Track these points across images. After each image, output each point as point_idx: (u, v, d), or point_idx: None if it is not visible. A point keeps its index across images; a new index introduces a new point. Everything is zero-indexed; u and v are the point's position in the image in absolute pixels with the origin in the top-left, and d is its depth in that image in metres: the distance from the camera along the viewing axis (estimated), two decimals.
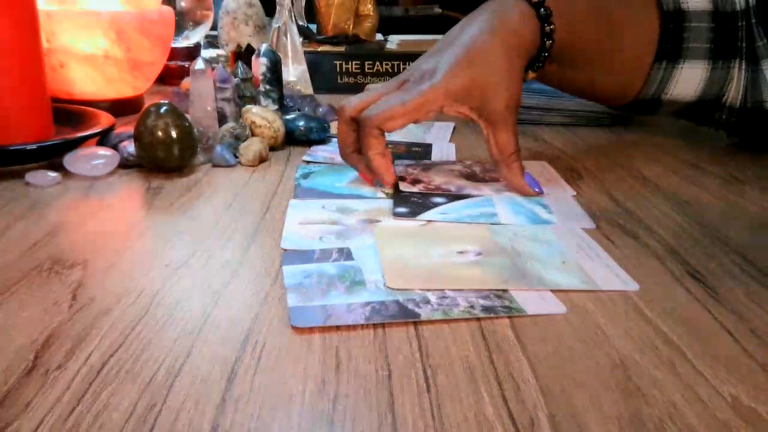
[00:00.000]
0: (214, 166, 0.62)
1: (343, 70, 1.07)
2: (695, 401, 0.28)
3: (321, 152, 0.68)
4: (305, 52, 0.95)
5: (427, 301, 0.36)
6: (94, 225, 0.47)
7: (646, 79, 0.66)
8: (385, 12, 1.90)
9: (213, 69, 0.70)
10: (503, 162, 0.55)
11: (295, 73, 0.91)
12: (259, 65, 0.75)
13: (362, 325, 0.34)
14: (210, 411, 0.27)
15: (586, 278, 0.40)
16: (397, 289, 0.38)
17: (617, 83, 0.68)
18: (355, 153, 0.56)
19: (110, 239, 0.45)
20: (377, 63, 1.07)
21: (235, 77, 0.74)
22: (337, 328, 0.33)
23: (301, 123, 0.71)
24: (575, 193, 0.56)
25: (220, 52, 1.22)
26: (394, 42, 1.40)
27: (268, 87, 0.75)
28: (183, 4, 1.10)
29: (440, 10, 1.95)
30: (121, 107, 0.81)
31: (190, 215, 0.49)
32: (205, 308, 0.35)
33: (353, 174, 0.58)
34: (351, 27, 1.29)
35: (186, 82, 0.83)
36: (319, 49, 1.17)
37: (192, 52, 1.07)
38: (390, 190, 0.54)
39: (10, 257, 0.41)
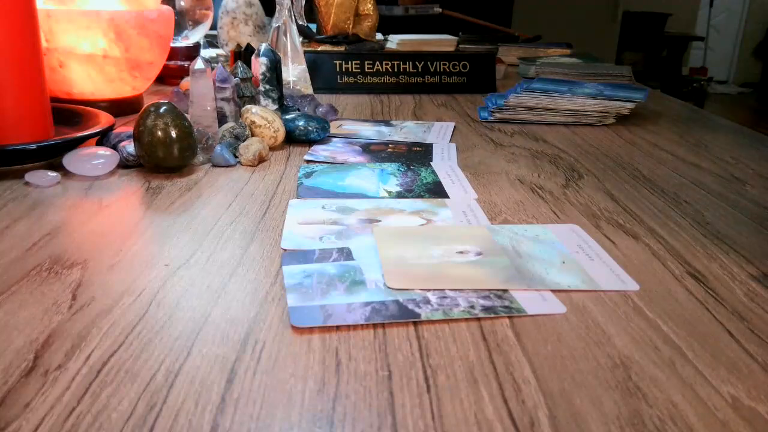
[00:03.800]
0: (214, 166, 0.62)
1: (343, 69, 1.07)
2: (695, 401, 0.28)
3: (322, 152, 0.68)
4: (305, 52, 0.95)
5: (427, 301, 0.36)
6: (94, 225, 0.47)
7: None
8: (385, 12, 1.91)
9: (213, 69, 0.70)
10: None
11: (294, 72, 0.91)
12: (259, 65, 0.75)
13: (362, 325, 0.34)
14: (210, 411, 0.27)
15: (586, 278, 0.40)
16: (397, 289, 0.38)
17: None
18: None
19: (110, 239, 0.45)
20: (377, 62, 1.07)
21: (235, 77, 0.73)
22: (337, 328, 0.33)
23: (301, 123, 0.71)
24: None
25: (220, 51, 1.22)
26: (394, 41, 1.40)
27: (267, 87, 0.75)
28: (182, 3, 1.10)
29: (440, 10, 1.95)
30: (120, 107, 0.81)
31: (190, 215, 0.49)
32: (205, 308, 0.35)
33: (354, 173, 0.58)
34: (351, 26, 1.29)
35: (185, 82, 0.83)
36: (319, 49, 1.17)
37: (191, 52, 1.07)
38: None
39: (10, 257, 0.41)
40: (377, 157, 0.67)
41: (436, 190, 0.57)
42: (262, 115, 0.67)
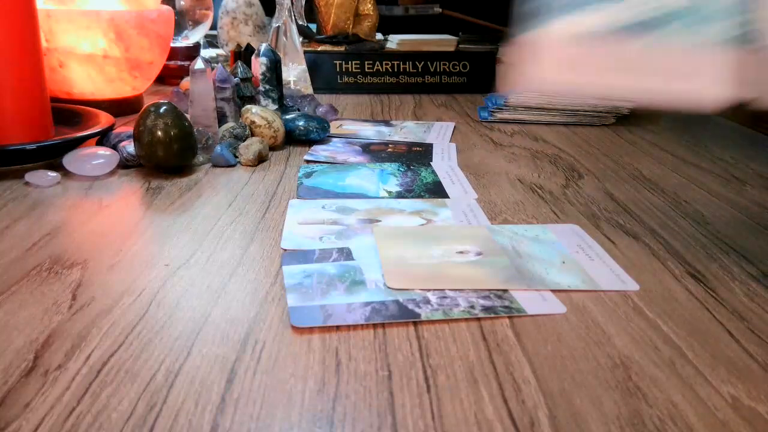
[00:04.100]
0: (214, 166, 0.62)
1: (343, 69, 1.07)
2: (695, 401, 0.28)
3: (322, 152, 0.68)
4: (305, 52, 0.95)
5: (427, 301, 0.36)
6: (94, 225, 0.47)
7: None
8: (385, 12, 1.90)
9: (213, 69, 0.70)
10: None
11: (294, 72, 0.91)
12: (259, 65, 0.75)
13: (362, 325, 0.34)
14: (210, 411, 0.27)
15: (586, 278, 0.40)
16: (397, 289, 0.38)
17: None
18: None
19: (110, 239, 0.45)
20: (377, 63, 1.07)
21: (235, 77, 0.73)
22: (337, 328, 0.33)
23: (301, 123, 0.71)
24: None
25: (220, 51, 1.22)
26: (394, 41, 1.39)
27: (267, 87, 0.75)
28: (182, 3, 1.10)
29: (440, 10, 1.94)
30: (120, 107, 0.81)
31: (190, 215, 0.49)
32: (205, 308, 0.35)
33: (354, 173, 0.58)
34: (351, 26, 1.29)
35: (185, 82, 0.83)
36: (319, 49, 1.17)
37: (191, 52, 1.07)
38: None
39: (10, 257, 0.41)
40: (377, 157, 0.67)
41: (436, 190, 0.57)
42: (262, 115, 0.67)
